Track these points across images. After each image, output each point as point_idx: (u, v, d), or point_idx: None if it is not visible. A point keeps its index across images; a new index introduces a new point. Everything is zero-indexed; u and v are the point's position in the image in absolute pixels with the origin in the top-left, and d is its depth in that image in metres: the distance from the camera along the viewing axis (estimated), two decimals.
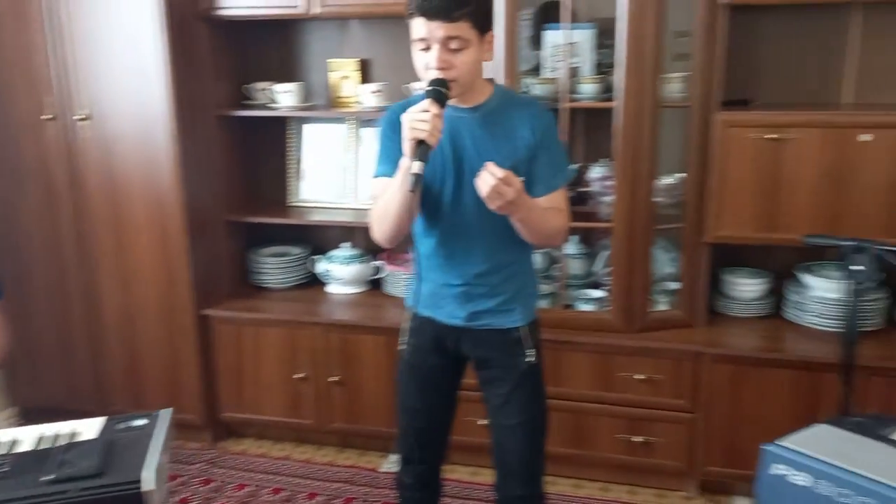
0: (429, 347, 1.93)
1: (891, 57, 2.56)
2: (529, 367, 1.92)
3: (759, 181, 2.43)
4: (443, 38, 1.64)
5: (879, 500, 1.20)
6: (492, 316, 1.88)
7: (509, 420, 1.92)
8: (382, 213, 1.77)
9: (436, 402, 1.98)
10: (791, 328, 2.63)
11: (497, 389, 1.92)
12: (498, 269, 1.85)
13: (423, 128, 1.62)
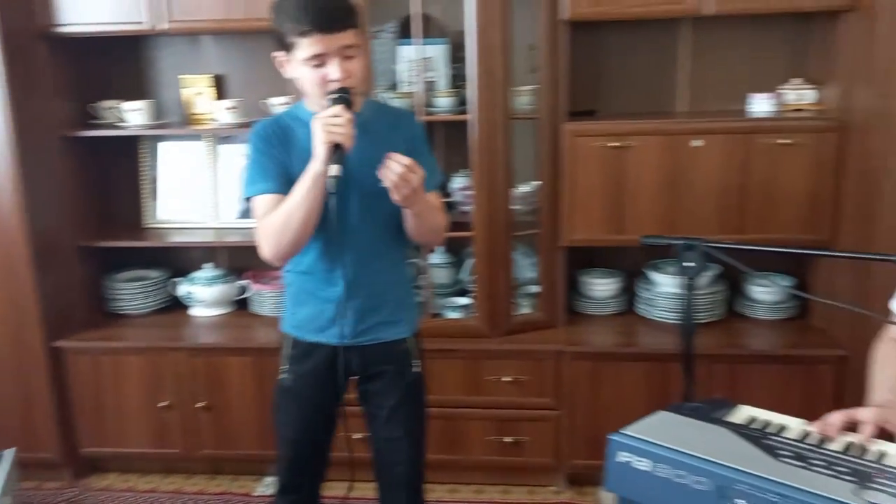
0: (314, 374, 1.88)
1: (717, 68, 2.78)
2: (416, 378, 1.94)
3: (605, 187, 2.57)
4: (341, 48, 1.65)
5: (710, 477, 1.30)
6: (380, 329, 1.88)
7: (395, 432, 1.92)
8: (282, 226, 1.71)
9: (320, 430, 1.94)
10: (643, 323, 2.79)
11: (383, 402, 1.91)
12: (382, 279, 1.85)
13: (340, 131, 1.62)
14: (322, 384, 1.89)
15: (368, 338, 1.86)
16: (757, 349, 2.58)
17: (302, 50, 1.66)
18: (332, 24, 1.63)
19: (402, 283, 1.94)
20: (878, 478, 1.29)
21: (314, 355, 1.87)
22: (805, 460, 1.35)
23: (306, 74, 1.69)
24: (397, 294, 1.91)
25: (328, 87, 1.67)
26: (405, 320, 1.92)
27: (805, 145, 2.46)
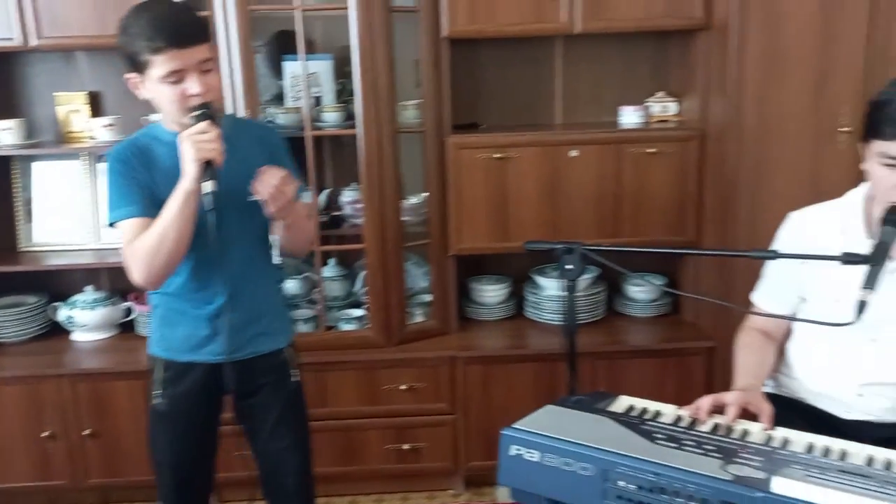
0: (191, 395, 1.85)
1: (589, 82, 2.95)
2: (296, 386, 1.96)
3: (490, 196, 2.68)
4: (198, 63, 1.64)
5: (594, 462, 1.41)
6: (259, 341, 1.87)
7: (281, 443, 1.92)
8: (154, 248, 1.66)
9: (200, 451, 1.92)
10: (531, 325, 2.91)
11: (266, 415, 1.91)
12: (255, 292, 1.85)
13: (210, 147, 1.61)
14: (200, 405, 1.87)
15: (246, 352, 1.85)
16: (635, 345, 2.75)
17: (157, 68, 1.62)
18: (187, 39, 1.62)
19: (275, 294, 1.95)
20: (741, 453, 1.43)
21: (190, 376, 1.84)
22: (678, 442, 1.47)
23: (164, 92, 1.65)
24: (272, 305, 1.92)
25: (189, 102, 1.65)
26: (281, 331, 1.94)
27: (670, 153, 2.65)
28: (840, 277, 1.63)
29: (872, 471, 1.39)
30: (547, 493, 1.47)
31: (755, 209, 2.51)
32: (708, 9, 2.53)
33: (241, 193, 1.69)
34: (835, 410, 1.77)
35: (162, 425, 1.88)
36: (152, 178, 1.73)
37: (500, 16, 2.55)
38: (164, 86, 1.64)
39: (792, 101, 2.46)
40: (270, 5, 2.59)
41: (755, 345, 1.84)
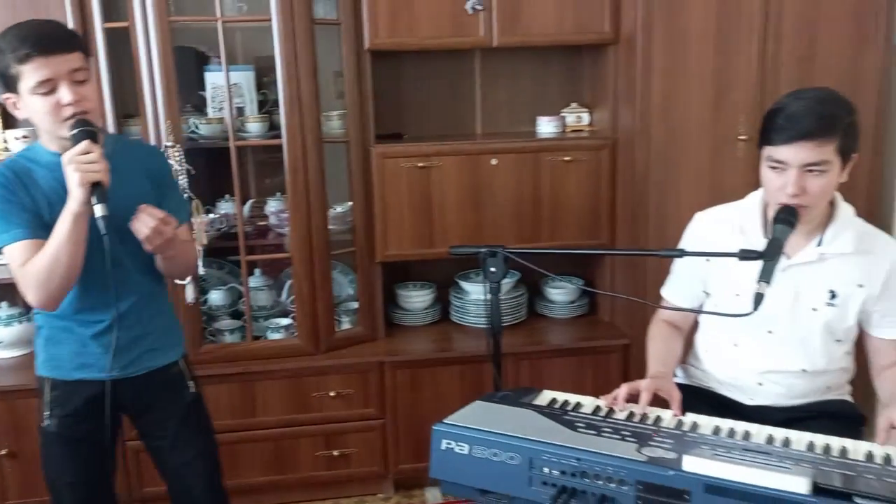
0: (82, 414, 1.81)
1: (504, 94, 3.07)
2: (194, 398, 1.95)
3: (414, 204, 2.74)
4: (70, 72, 1.62)
5: (520, 452, 1.49)
6: (150, 357, 1.86)
7: (185, 455, 1.92)
8: (48, 271, 1.64)
9: (97, 470, 1.88)
10: (457, 329, 2.99)
11: (166, 431, 1.90)
12: (144, 307, 1.83)
13: (95, 168, 1.59)
14: (92, 423, 1.82)
15: (138, 367, 1.84)
16: (555, 344, 2.86)
17: (27, 78, 1.60)
18: (54, 46, 1.60)
19: (163, 309, 1.93)
20: (655, 437, 1.54)
21: (80, 394, 1.81)
22: (597, 429, 1.58)
23: (38, 105, 1.62)
24: (161, 321, 1.91)
25: (63, 113, 1.62)
26: (171, 345, 1.93)
27: (584, 161, 2.79)
28: (739, 273, 1.78)
29: (772, 448, 1.52)
30: (477, 484, 1.55)
31: (662, 212, 2.67)
32: (615, 25, 2.69)
33: (123, 215, 1.67)
34: (738, 397, 1.92)
35: (52, 447, 1.84)
36: (34, 201, 1.69)
37: (420, 30, 2.63)
38: (37, 98, 1.61)
39: (694, 111, 2.63)
40: (191, 16, 2.59)
41: (664, 335, 1.98)
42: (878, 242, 1.81)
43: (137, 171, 1.79)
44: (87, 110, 1.65)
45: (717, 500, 1.33)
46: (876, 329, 1.84)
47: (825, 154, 1.65)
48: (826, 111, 1.66)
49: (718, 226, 1.91)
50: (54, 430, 1.82)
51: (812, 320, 1.81)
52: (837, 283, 1.79)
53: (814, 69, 2.62)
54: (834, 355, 1.86)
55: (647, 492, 1.39)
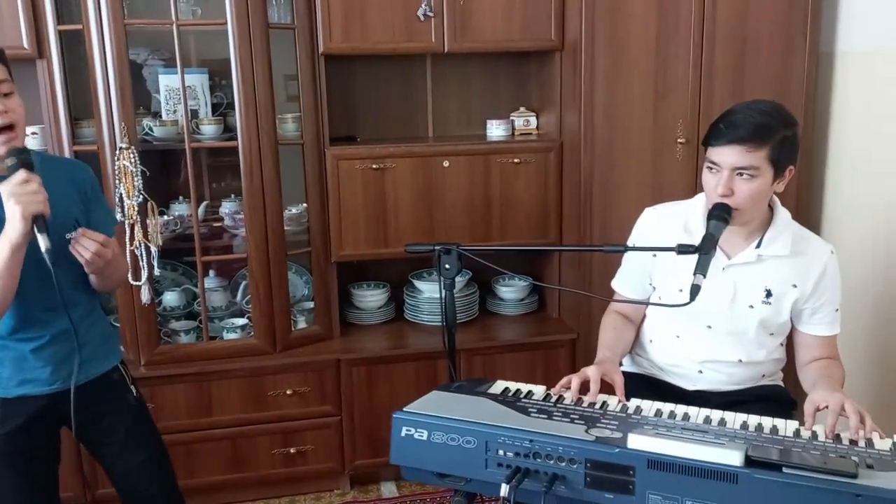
0: (25, 429, 1.80)
1: (455, 97, 3.16)
2: (137, 401, 1.98)
3: (368, 205, 2.81)
4: None
5: (476, 436, 1.57)
6: (89, 366, 1.86)
7: (137, 457, 1.93)
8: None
9: (42, 486, 1.86)
10: (411, 327, 3.06)
11: (113, 437, 1.92)
12: (81, 319, 1.83)
13: (36, 199, 1.59)
14: (36, 438, 1.83)
15: (79, 378, 1.80)
16: (506, 340, 2.96)
17: None
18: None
19: (97, 316, 1.95)
20: (602, 419, 1.65)
21: (22, 410, 1.80)
22: (548, 413, 1.67)
23: None
24: (97, 329, 1.92)
25: None
26: (110, 350, 1.96)
27: (532, 163, 2.90)
28: (682, 269, 1.89)
29: (709, 427, 1.64)
30: (436, 468, 1.62)
31: (607, 211, 2.80)
32: (560, 32, 2.80)
33: (57, 230, 1.68)
34: (681, 384, 2.04)
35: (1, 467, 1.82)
36: None
37: (373, 35, 2.70)
38: None
39: (635, 115, 2.76)
40: (146, 19, 2.61)
41: (615, 324, 2.10)
42: (811, 246, 1.95)
43: (65, 188, 1.79)
44: (14, 122, 1.66)
45: (658, 474, 1.44)
46: (805, 325, 1.98)
47: (755, 160, 1.78)
48: (762, 122, 1.78)
49: (665, 221, 2.02)
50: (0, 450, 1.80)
51: (748, 316, 1.94)
52: (773, 283, 1.92)
53: (745, 77, 2.79)
54: (768, 347, 1.99)
55: (595, 469, 1.48)
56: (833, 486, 1.34)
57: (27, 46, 2.50)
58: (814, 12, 2.80)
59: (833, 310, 1.95)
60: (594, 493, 1.49)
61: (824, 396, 1.71)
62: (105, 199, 1.93)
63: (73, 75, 2.60)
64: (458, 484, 1.63)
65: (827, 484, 1.34)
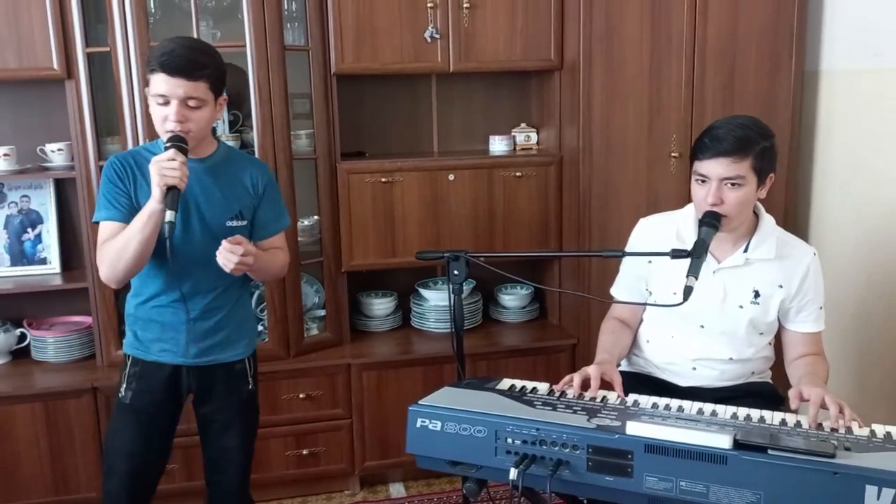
0: (155, 390, 2.05)
1: (459, 114, 3.31)
2: (249, 395, 2.16)
3: (378, 217, 2.95)
4: (182, 97, 1.84)
5: (486, 425, 1.70)
6: (219, 350, 2.07)
7: (230, 443, 2.13)
8: (118, 254, 1.87)
9: (156, 445, 2.09)
10: (418, 334, 3.20)
11: (219, 417, 2.12)
12: (222, 305, 2.05)
13: (174, 174, 1.80)
14: (162, 400, 2.06)
15: (207, 358, 2.06)
16: (510, 345, 3.09)
17: (151, 86, 1.87)
18: (177, 71, 1.83)
19: (241, 308, 2.14)
20: (602, 410, 1.78)
21: (155, 373, 2.05)
22: (553, 406, 1.81)
23: (153, 109, 1.89)
24: (237, 319, 2.11)
25: (165, 126, 1.87)
26: (243, 343, 2.14)
27: (533, 177, 3.04)
28: (676, 274, 2.03)
29: (701, 416, 1.78)
30: (449, 456, 1.75)
31: (604, 221, 2.94)
32: (559, 53, 2.96)
33: (215, 215, 1.95)
34: (675, 380, 2.17)
35: (123, 416, 2.06)
36: (137, 190, 1.94)
37: (383, 56, 2.85)
38: (154, 104, 1.88)
39: (630, 131, 2.92)
40: None
41: (613, 329, 2.23)
42: (795, 249, 2.10)
43: (240, 181, 2.03)
44: (187, 131, 1.87)
45: (655, 457, 1.57)
46: (791, 323, 2.12)
47: (740, 170, 1.93)
48: (743, 135, 1.94)
49: (658, 230, 2.17)
50: (129, 403, 2.04)
51: (738, 316, 2.08)
52: (760, 284, 2.06)
53: (734, 94, 2.94)
54: (757, 346, 2.13)
55: (596, 454, 1.62)
56: (813, 465, 1.48)
57: (57, 68, 2.65)
58: (799, 33, 2.96)
59: (817, 308, 2.10)
60: (596, 476, 1.62)
61: (807, 390, 1.84)
62: (280, 200, 2.14)
63: (100, 94, 2.74)
64: (469, 471, 1.76)
65: (807, 463, 1.48)
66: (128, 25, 2.59)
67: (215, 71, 1.91)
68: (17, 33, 2.62)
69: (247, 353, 2.16)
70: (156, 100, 1.88)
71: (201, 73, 1.86)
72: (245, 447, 2.17)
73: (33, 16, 2.62)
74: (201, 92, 1.87)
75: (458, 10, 2.86)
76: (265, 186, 2.10)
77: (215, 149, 2.05)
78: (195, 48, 1.90)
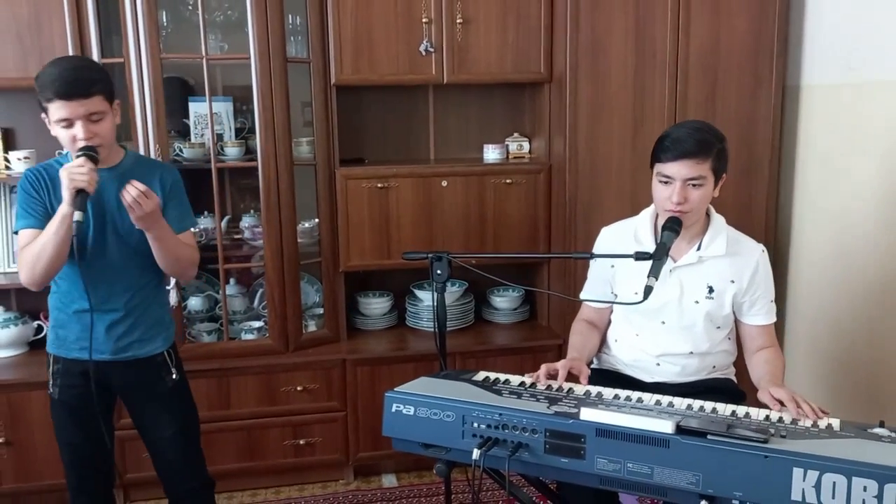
0: (78, 384, 2.15)
1: (454, 124, 3.47)
2: (174, 383, 2.27)
3: (374, 220, 3.11)
4: (84, 115, 1.96)
5: (454, 411, 1.84)
6: (136, 347, 2.19)
7: (165, 432, 2.25)
8: (36, 256, 1.99)
9: (94, 433, 2.18)
10: (411, 332, 3.34)
11: (149, 410, 2.24)
12: (138, 304, 2.17)
13: (83, 178, 1.92)
14: (87, 393, 2.13)
15: (125, 355, 2.17)
16: (499, 344, 3.23)
17: (52, 114, 1.97)
18: (74, 94, 1.93)
19: (156, 306, 2.25)
20: (563, 399, 1.92)
21: (76, 369, 2.15)
22: (518, 395, 1.95)
23: (59, 133, 1.99)
24: (152, 316, 2.23)
25: (77, 145, 1.98)
26: (160, 338, 2.25)
27: (524, 184, 3.19)
28: (638, 277, 2.15)
29: (656, 407, 1.91)
30: (421, 439, 1.90)
31: (589, 227, 3.06)
32: (548, 66, 3.11)
33: (128, 221, 2.04)
34: (640, 376, 2.31)
35: (58, 411, 2.20)
36: (53, 200, 2.06)
37: (380, 68, 3.01)
38: (58, 128, 1.99)
39: (614, 140, 3.06)
40: (179, 53, 2.95)
41: (582, 331, 2.38)
42: (745, 247, 2.24)
43: (150, 184, 2.12)
44: (98, 144, 2.00)
45: (605, 440, 1.71)
46: (746, 317, 2.25)
47: (702, 170, 2.07)
48: (702, 137, 2.09)
49: (619, 236, 2.32)
50: (58, 398, 2.18)
51: (695, 311, 2.21)
52: (714, 280, 2.20)
53: (716, 107, 3.07)
54: (715, 339, 2.26)
55: (552, 437, 1.75)
56: (746, 448, 1.61)
57: None
58: (779, 49, 3.09)
59: (768, 301, 2.23)
60: (552, 458, 1.76)
61: (777, 392, 1.96)
62: (185, 201, 2.25)
63: None
64: (440, 454, 1.90)
65: (741, 447, 1.61)
66: (141, 38, 2.77)
67: (105, 82, 2.01)
68: (38, 43, 2.82)
69: (165, 347, 2.25)
70: (59, 125, 1.97)
71: (94, 88, 1.96)
72: (184, 433, 2.27)
73: (54, 27, 2.82)
74: (99, 105, 1.98)
75: (451, 25, 3.02)
76: (171, 187, 2.20)
77: (123, 156, 2.15)
78: (80, 67, 2.00)
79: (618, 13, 2.98)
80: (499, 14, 3.05)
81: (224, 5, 3.09)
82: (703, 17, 3.02)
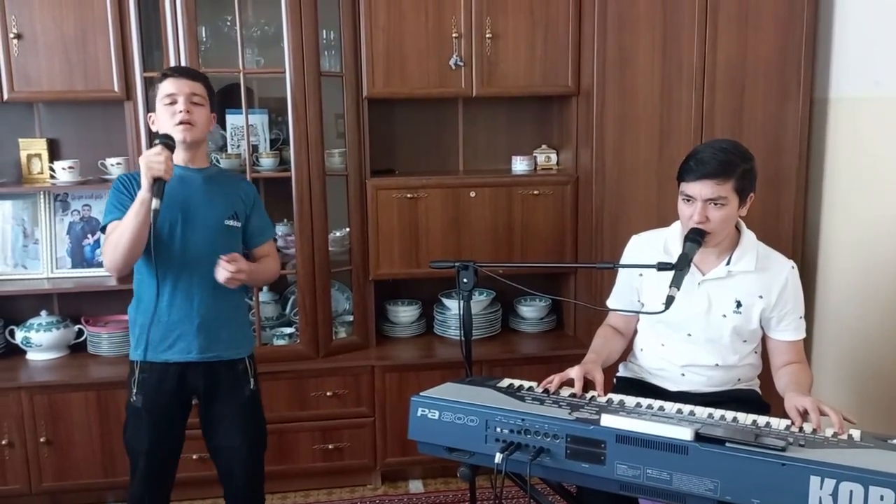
0: (163, 390, 2.23)
1: (483, 136, 3.53)
2: (251, 393, 2.36)
3: (403, 230, 3.18)
4: (188, 92, 2.18)
5: (478, 415, 1.88)
6: (222, 348, 2.29)
7: (233, 441, 2.32)
8: (116, 241, 2.12)
9: (168, 444, 2.29)
10: (439, 340, 3.40)
11: (222, 415, 2.31)
12: (224, 305, 2.28)
13: (159, 166, 2.06)
14: (170, 400, 2.26)
15: (211, 355, 2.26)
16: (525, 353, 3.28)
17: (160, 92, 2.20)
18: (183, 73, 2.23)
19: (240, 309, 2.38)
20: (584, 406, 1.96)
21: (161, 373, 2.23)
22: (541, 401, 1.99)
23: (163, 111, 2.19)
24: (237, 319, 2.34)
25: (175, 119, 2.17)
26: (244, 342, 2.35)
27: (551, 195, 3.23)
28: (664, 286, 2.18)
29: (677, 415, 1.94)
30: (445, 443, 1.95)
31: (616, 238, 3.10)
32: (576, 79, 3.16)
33: (213, 216, 2.22)
34: (665, 385, 2.33)
35: (136, 419, 2.25)
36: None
37: (411, 81, 3.09)
38: (161, 107, 2.19)
39: (641, 152, 3.09)
40: (218, 68, 3.06)
41: (605, 335, 2.41)
42: (774, 262, 2.25)
43: (233, 193, 2.32)
44: (194, 125, 2.19)
45: (625, 447, 1.74)
46: (773, 332, 2.26)
47: (723, 191, 2.09)
48: (726, 158, 2.10)
49: (649, 245, 2.34)
50: (140, 406, 2.25)
51: (722, 325, 2.23)
52: (742, 295, 2.22)
53: (743, 119, 3.09)
54: (741, 353, 2.28)
55: (573, 443, 1.79)
56: (764, 456, 1.63)
57: (118, 90, 2.97)
58: (807, 62, 3.10)
59: (797, 317, 2.24)
60: (573, 463, 1.80)
61: (799, 402, 1.95)
62: (265, 212, 2.45)
63: None
64: (463, 457, 1.95)
65: (759, 455, 1.63)
66: (181, 52, 2.88)
67: (208, 83, 2.29)
68: (83, 59, 2.95)
69: (247, 353, 2.37)
70: (164, 101, 2.19)
71: (200, 77, 2.28)
72: (252, 445, 2.35)
73: (98, 43, 2.95)
74: (201, 91, 2.23)
75: (481, 40, 3.09)
76: (254, 200, 2.40)
77: (209, 164, 2.39)
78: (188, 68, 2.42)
79: (645, 27, 3.02)
80: (527, 29, 3.11)
81: (261, 21, 3.19)
82: (730, 31, 3.05)
